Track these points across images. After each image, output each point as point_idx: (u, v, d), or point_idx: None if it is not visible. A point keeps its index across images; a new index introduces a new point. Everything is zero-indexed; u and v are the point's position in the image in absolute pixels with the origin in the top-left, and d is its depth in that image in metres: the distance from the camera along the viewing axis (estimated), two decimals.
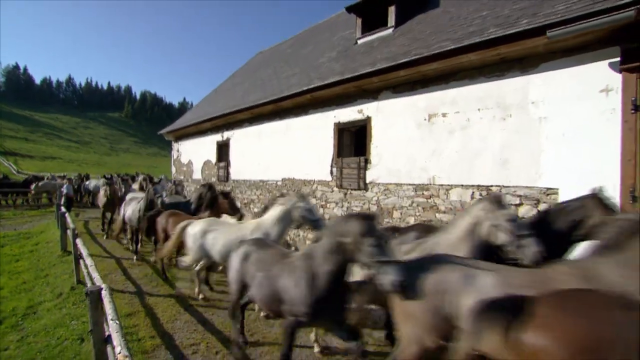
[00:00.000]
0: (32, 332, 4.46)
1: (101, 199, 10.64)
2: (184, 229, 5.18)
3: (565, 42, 4.12)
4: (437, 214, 5.66)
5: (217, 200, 6.68)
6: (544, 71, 4.53)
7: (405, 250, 3.31)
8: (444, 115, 5.59)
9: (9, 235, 10.70)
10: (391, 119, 6.34)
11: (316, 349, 3.91)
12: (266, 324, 4.63)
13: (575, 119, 4.27)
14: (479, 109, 5.17)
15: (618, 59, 3.92)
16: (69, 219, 7.34)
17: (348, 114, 7.13)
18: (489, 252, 2.98)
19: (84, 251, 4.63)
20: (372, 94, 6.63)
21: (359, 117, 6.90)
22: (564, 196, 4.30)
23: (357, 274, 3.04)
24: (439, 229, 3.58)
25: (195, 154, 13.53)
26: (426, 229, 4.07)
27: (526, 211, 4.66)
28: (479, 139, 5.16)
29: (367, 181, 6.76)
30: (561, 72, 4.39)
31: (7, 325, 4.82)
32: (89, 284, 4.33)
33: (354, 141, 7.66)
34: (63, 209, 8.88)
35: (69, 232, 7.50)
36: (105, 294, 3.28)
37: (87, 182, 20.03)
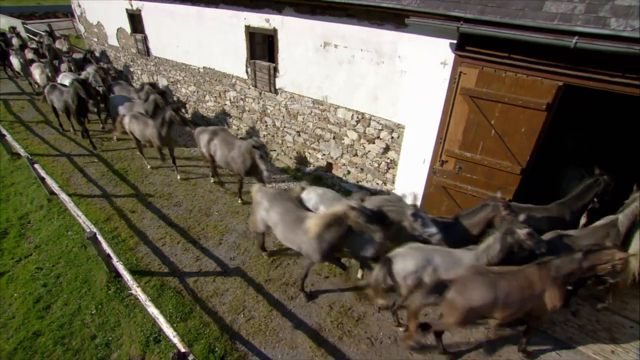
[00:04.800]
0: (42, 242, 6.31)
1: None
2: None
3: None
4: (328, 125, 7.34)
5: None
6: (410, 32, 5.42)
7: None
8: (335, 46, 6.39)
9: None
10: (294, 37, 6.88)
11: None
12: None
13: (423, 78, 5.61)
14: (362, 50, 6.09)
15: (455, 41, 4.99)
16: (3, 130, 7.85)
17: (257, 20, 7.28)
18: None
19: (65, 198, 5.97)
20: (277, 6, 6.79)
21: (266, 25, 7.18)
22: (408, 131, 6.17)
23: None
24: None
25: (104, 16, 11.94)
26: None
27: (385, 135, 6.55)
28: (360, 76, 6.34)
29: (277, 87, 7.81)
30: (421, 37, 5.34)
31: (15, 235, 6.57)
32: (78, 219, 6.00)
33: (266, 41, 8.01)
34: None
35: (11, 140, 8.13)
36: (101, 239, 5.10)
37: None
